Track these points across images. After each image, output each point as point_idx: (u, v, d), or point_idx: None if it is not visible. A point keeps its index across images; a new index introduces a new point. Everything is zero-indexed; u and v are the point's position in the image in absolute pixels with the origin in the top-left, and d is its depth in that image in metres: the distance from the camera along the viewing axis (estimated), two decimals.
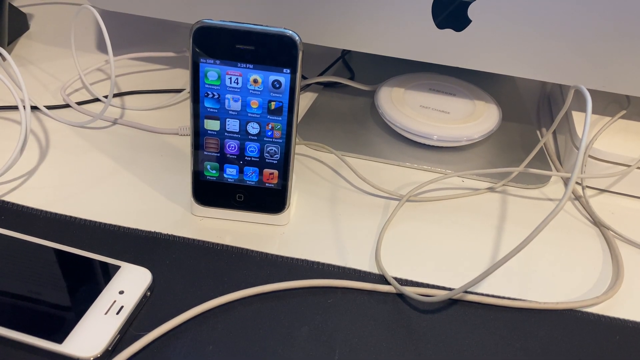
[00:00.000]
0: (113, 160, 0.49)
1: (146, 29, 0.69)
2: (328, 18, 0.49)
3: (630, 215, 0.49)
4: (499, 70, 0.49)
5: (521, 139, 0.56)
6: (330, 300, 0.39)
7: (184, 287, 0.38)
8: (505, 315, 0.39)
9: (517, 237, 0.46)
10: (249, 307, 0.38)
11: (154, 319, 0.36)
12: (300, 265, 0.41)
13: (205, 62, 0.38)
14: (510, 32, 0.47)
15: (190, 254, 0.41)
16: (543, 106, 0.62)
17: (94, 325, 0.34)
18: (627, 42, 0.46)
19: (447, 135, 0.51)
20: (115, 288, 0.36)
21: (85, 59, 0.62)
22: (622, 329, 0.39)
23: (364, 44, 0.50)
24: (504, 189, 0.50)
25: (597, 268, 0.44)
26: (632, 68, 0.47)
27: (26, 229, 0.41)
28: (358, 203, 0.47)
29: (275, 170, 0.42)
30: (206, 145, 0.41)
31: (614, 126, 0.52)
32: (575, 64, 0.48)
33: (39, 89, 0.56)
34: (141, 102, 0.56)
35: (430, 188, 0.50)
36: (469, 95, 0.55)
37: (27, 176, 0.46)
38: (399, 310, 0.39)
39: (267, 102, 0.39)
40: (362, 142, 0.54)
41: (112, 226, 0.42)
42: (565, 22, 0.46)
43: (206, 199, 0.43)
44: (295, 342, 0.36)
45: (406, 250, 0.43)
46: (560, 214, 0.49)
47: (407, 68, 0.62)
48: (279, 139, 0.40)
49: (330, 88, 0.61)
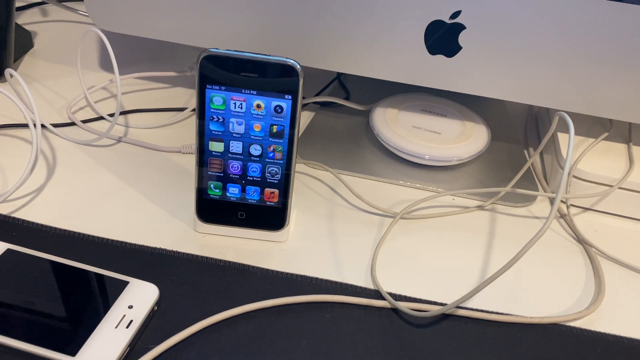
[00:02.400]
0: (118, 178, 0.50)
1: (147, 48, 0.71)
2: (325, 43, 0.51)
3: (612, 233, 0.51)
4: (488, 94, 0.52)
5: (509, 159, 0.58)
6: (328, 314, 0.41)
7: (189, 302, 0.40)
8: (494, 329, 0.41)
9: (505, 253, 0.48)
10: (252, 321, 0.40)
11: (161, 332, 0.38)
12: (299, 280, 0.43)
13: (212, 88, 0.40)
14: (499, 58, 0.49)
15: (194, 269, 0.43)
16: (530, 127, 0.65)
17: (105, 338, 0.36)
18: (610, 69, 0.48)
19: (438, 155, 0.53)
20: (124, 303, 0.38)
21: (89, 78, 0.63)
22: (604, 342, 0.41)
23: (358, 67, 0.52)
24: (492, 207, 0.53)
25: (581, 284, 0.46)
26: (615, 93, 0.50)
27: (36, 245, 0.43)
28: (354, 220, 0.49)
29: (276, 190, 0.44)
30: (210, 165, 0.43)
31: (597, 147, 0.54)
32: (561, 88, 0.50)
33: (45, 106, 0.58)
34: (144, 120, 0.58)
35: (423, 206, 0.52)
36: (460, 116, 0.58)
37: (36, 193, 0.48)
38: (393, 324, 0.41)
39: (269, 125, 0.41)
40: (358, 160, 0.56)
41: (118, 242, 0.44)
42: (552, 49, 0.48)
43: (209, 216, 0.45)
44: (295, 355, 0.38)
45: (400, 266, 0.45)
46: (546, 232, 0.51)
47: (400, 89, 0.65)
48: (280, 160, 0.42)
49: (327, 107, 0.63)
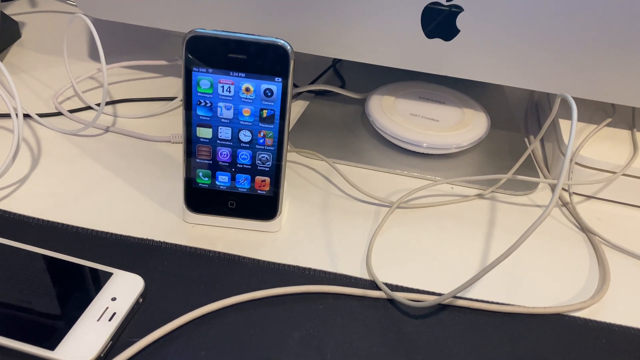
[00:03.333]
0: (105, 168, 0.49)
1: (138, 37, 0.69)
2: (319, 27, 0.50)
3: (616, 221, 0.50)
4: (487, 79, 0.50)
5: (509, 147, 0.57)
6: (322, 306, 0.39)
7: (177, 294, 0.39)
8: (494, 319, 0.40)
9: (505, 243, 0.46)
10: (241, 313, 0.38)
11: (146, 325, 0.36)
12: (292, 271, 0.41)
13: (198, 70, 0.38)
14: (498, 42, 0.48)
15: (182, 260, 0.41)
16: (531, 114, 0.63)
17: (86, 331, 0.34)
18: (613, 52, 0.47)
19: (436, 142, 0.51)
20: (107, 295, 0.37)
21: (77, 67, 0.62)
22: (609, 333, 0.40)
23: (354, 53, 0.51)
24: (492, 195, 0.51)
25: (584, 273, 0.44)
26: (617, 77, 0.48)
27: (18, 236, 0.41)
28: (349, 210, 0.48)
29: (267, 178, 0.42)
30: (198, 152, 0.41)
31: (600, 134, 0.53)
32: (562, 72, 0.49)
33: (31, 97, 0.57)
34: (133, 110, 0.57)
35: (420, 195, 0.50)
36: (458, 103, 0.56)
37: (19, 184, 0.46)
38: (389, 315, 0.39)
39: (259, 110, 0.39)
40: (353, 149, 0.54)
41: (104, 233, 0.42)
42: (553, 31, 0.47)
43: (198, 206, 0.43)
44: (287, 348, 0.36)
45: (396, 256, 0.44)
46: (548, 220, 0.49)
47: (397, 76, 0.63)
48: (270, 146, 0.41)
49: (322, 96, 0.61)
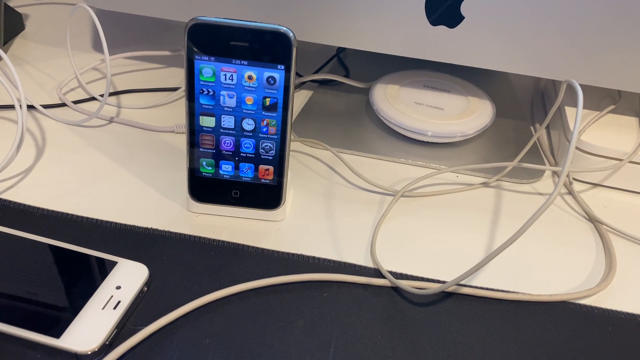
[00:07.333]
0: (109, 158, 0.49)
1: (141, 27, 0.69)
2: (323, 15, 0.49)
3: (622, 209, 0.49)
4: (493, 67, 0.50)
5: (515, 135, 0.56)
6: (326, 294, 0.39)
7: (181, 282, 0.39)
8: (499, 307, 0.40)
9: (510, 231, 0.46)
10: (245, 302, 0.38)
11: (151, 313, 0.36)
12: (296, 259, 0.41)
13: (200, 58, 0.38)
14: (503, 28, 0.47)
15: (186, 249, 0.41)
16: (537, 102, 0.63)
17: (91, 320, 0.34)
18: (618, 38, 0.46)
19: (441, 131, 0.51)
20: (112, 283, 0.37)
21: (81, 58, 0.62)
22: (615, 320, 0.39)
23: (358, 41, 0.50)
24: (497, 184, 0.51)
25: (590, 260, 0.44)
26: (623, 63, 0.47)
27: (23, 226, 0.41)
28: (353, 199, 0.48)
29: (270, 166, 0.42)
30: (202, 141, 0.41)
31: (606, 121, 0.52)
32: (568, 59, 0.48)
33: (35, 88, 0.57)
34: (137, 101, 0.57)
35: (425, 183, 0.50)
36: (463, 91, 0.56)
37: (24, 174, 0.46)
38: (393, 303, 0.39)
39: (262, 98, 0.39)
40: (357, 138, 0.54)
41: (109, 223, 0.42)
42: (558, 17, 0.46)
43: (202, 195, 0.43)
44: (291, 336, 0.36)
45: (401, 244, 0.44)
46: (554, 208, 0.49)
47: (401, 65, 0.63)
48: (274, 135, 0.41)
49: (326, 86, 0.61)
